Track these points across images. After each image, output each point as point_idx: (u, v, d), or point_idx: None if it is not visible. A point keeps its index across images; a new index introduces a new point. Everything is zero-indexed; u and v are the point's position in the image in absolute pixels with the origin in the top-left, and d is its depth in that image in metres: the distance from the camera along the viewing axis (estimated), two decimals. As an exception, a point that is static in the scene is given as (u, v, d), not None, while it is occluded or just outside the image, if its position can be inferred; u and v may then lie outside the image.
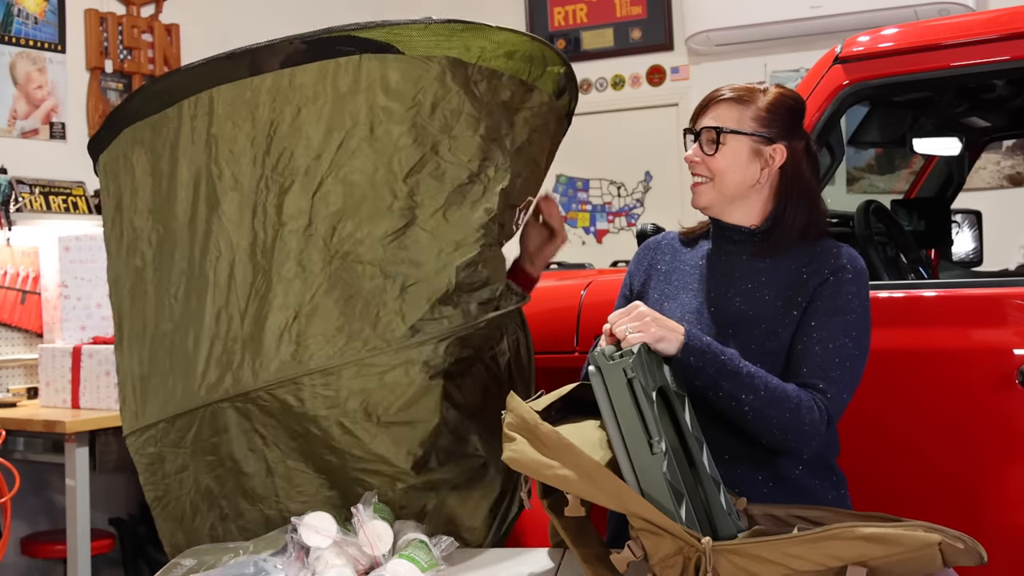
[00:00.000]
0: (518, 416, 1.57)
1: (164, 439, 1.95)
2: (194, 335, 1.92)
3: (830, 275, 1.80)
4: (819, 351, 1.75)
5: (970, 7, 4.77)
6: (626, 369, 1.49)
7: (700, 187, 1.88)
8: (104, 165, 2.11)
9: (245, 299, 1.90)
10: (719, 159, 1.84)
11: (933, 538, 1.37)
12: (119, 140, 2.06)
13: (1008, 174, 4.99)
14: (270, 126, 1.91)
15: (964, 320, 2.19)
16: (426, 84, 1.91)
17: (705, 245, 1.96)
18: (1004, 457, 2.12)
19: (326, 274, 1.87)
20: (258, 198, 1.91)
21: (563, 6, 5.94)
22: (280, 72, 1.92)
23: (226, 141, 1.92)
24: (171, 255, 1.98)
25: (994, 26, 2.22)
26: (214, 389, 1.90)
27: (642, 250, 2.05)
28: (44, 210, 4.12)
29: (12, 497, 2.83)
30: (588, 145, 5.83)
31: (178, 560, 1.76)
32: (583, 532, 1.58)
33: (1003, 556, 2.13)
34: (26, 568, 3.89)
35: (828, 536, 1.38)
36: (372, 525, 1.69)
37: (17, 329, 4.00)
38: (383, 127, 1.90)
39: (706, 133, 1.86)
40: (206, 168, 1.94)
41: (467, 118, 1.94)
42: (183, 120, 1.96)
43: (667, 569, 1.43)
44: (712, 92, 1.90)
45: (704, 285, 1.89)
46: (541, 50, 2.02)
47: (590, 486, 1.47)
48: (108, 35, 4.57)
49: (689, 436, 1.62)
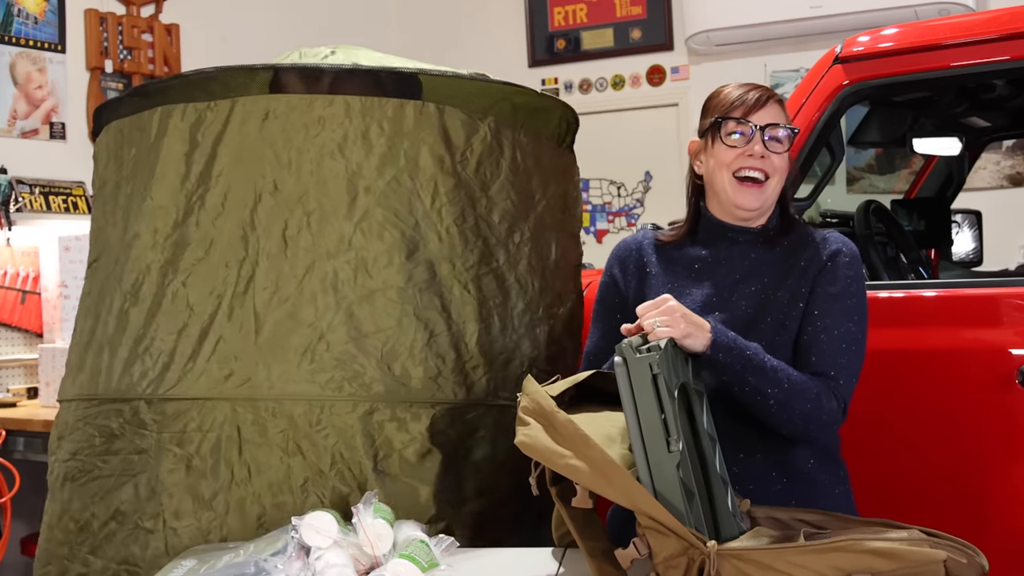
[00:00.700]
0: (534, 401, 1.56)
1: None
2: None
3: (828, 260, 1.81)
4: (825, 339, 1.76)
5: (970, 7, 4.77)
6: (652, 364, 1.48)
7: (759, 187, 1.81)
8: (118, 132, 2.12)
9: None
10: (782, 159, 1.81)
11: (939, 555, 1.37)
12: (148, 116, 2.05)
13: (1008, 174, 4.99)
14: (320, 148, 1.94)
15: (964, 320, 2.19)
16: (475, 141, 2.02)
17: (693, 245, 1.93)
18: (1004, 457, 2.12)
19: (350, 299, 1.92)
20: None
21: (563, 6, 5.94)
22: (336, 97, 1.96)
23: (273, 150, 1.95)
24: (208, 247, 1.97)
25: (994, 26, 2.22)
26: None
27: (622, 252, 1.99)
28: (44, 210, 4.12)
29: (12, 497, 2.84)
30: (588, 145, 5.78)
31: (178, 560, 1.76)
32: (589, 524, 1.58)
33: (1003, 556, 2.13)
34: (26, 568, 3.88)
35: (834, 548, 1.38)
36: (372, 525, 1.69)
37: (17, 329, 4.00)
38: (432, 172, 1.97)
39: (772, 130, 1.79)
40: (250, 173, 1.95)
41: (504, 182, 2.05)
42: (233, 115, 1.96)
43: (670, 569, 1.43)
44: (761, 88, 1.83)
45: (707, 282, 1.88)
46: (556, 104, 2.20)
47: (601, 479, 1.46)
48: (108, 35, 4.57)
49: (703, 434, 1.61)
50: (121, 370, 1.97)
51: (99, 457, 1.97)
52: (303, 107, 1.95)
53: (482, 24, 6.05)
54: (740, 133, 1.80)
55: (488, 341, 2.01)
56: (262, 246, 1.92)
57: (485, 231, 2.03)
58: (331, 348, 1.89)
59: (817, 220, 3.05)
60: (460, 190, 2.00)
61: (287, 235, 1.92)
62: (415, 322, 1.93)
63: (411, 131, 1.96)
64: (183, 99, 2.00)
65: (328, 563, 1.62)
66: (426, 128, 1.97)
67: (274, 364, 1.89)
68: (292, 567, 1.62)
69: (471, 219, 2.01)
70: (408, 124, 1.96)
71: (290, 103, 1.95)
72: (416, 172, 1.96)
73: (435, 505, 1.91)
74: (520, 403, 1.59)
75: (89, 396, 2.02)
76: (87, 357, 2.05)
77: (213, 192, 1.96)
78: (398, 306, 1.92)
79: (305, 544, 1.66)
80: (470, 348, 1.98)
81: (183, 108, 2.00)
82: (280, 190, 1.93)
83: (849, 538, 1.39)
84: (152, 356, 1.94)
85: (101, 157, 2.19)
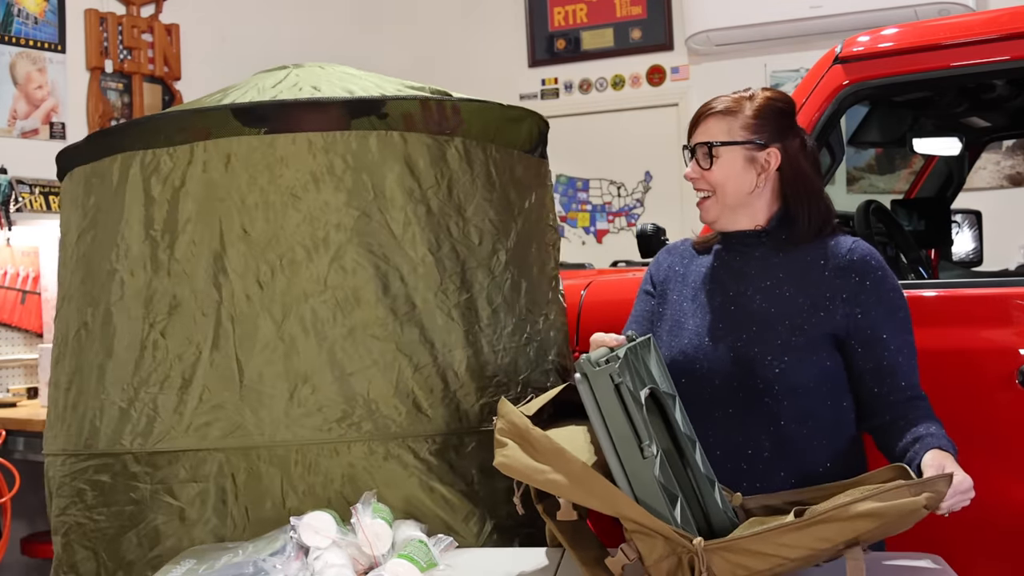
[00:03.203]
0: (509, 421, 1.58)
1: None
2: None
3: (865, 279, 1.82)
4: (902, 361, 1.81)
5: (970, 7, 4.77)
6: (612, 375, 1.49)
7: (706, 203, 1.91)
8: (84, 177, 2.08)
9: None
10: (716, 172, 1.87)
11: (919, 502, 1.39)
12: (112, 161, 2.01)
13: (1008, 174, 4.99)
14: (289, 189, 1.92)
15: (964, 320, 2.19)
16: (445, 164, 1.99)
17: (716, 248, 1.98)
18: (1004, 457, 2.12)
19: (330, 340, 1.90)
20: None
21: (563, 6, 5.94)
22: (298, 135, 1.92)
23: (239, 194, 1.92)
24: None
25: (994, 26, 2.22)
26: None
27: (663, 252, 2.09)
28: (44, 210, 4.12)
29: (12, 497, 2.84)
30: (588, 145, 5.82)
31: (178, 560, 1.76)
32: (579, 535, 1.59)
33: (1004, 556, 2.13)
34: (26, 568, 3.89)
35: (819, 521, 1.39)
36: (371, 525, 1.69)
37: (17, 329, 4.00)
38: (400, 204, 1.95)
39: (700, 149, 1.89)
40: (218, 218, 1.92)
41: (480, 202, 2.03)
42: (195, 160, 1.93)
43: (662, 571, 1.44)
44: (701, 107, 1.92)
45: (722, 285, 1.91)
46: (527, 114, 2.18)
47: (581, 490, 1.47)
48: (108, 35, 4.57)
49: (681, 436, 1.62)
50: (105, 425, 1.95)
51: (94, 511, 1.96)
52: (264, 147, 1.91)
53: (482, 24, 6.05)
54: (687, 156, 1.94)
55: (478, 366, 1.99)
56: (237, 292, 1.89)
57: (464, 254, 2.01)
58: (316, 391, 1.87)
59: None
60: (432, 217, 1.97)
61: (261, 279, 1.89)
62: (398, 356, 1.91)
63: (376, 162, 1.93)
64: (142, 145, 1.96)
65: (327, 563, 1.62)
66: (391, 158, 1.94)
67: (261, 411, 1.87)
68: (291, 567, 1.62)
69: (447, 245, 1.98)
70: (373, 156, 1.93)
71: (251, 144, 1.91)
72: (385, 204, 1.93)
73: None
74: (496, 426, 1.60)
75: (75, 452, 2.00)
76: (68, 410, 2.03)
77: (181, 240, 1.92)
78: (380, 342, 1.90)
79: (304, 544, 1.66)
80: (459, 376, 1.96)
81: (142, 155, 1.95)
82: (249, 234, 1.90)
83: (833, 507, 1.40)
84: (136, 409, 1.91)
85: (64, 203, 2.16)
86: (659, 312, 1.98)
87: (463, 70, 5.97)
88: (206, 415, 1.88)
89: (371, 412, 1.89)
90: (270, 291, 1.89)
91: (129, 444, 1.92)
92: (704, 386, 1.84)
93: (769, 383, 1.80)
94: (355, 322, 1.90)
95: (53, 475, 2.06)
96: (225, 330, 1.89)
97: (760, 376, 1.80)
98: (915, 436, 1.71)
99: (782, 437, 1.80)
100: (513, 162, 2.15)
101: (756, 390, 1.81)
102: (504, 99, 2.19)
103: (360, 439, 1.88)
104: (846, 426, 1.84)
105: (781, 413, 1.80)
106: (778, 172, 1.87)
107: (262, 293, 1.89)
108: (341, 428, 1.87)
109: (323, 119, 1.92)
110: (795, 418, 1.80)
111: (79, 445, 1.99)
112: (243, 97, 2.03)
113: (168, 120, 1.97)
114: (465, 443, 1.96)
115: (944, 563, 1.62)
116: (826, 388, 1.81)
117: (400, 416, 1.90)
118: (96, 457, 1.96)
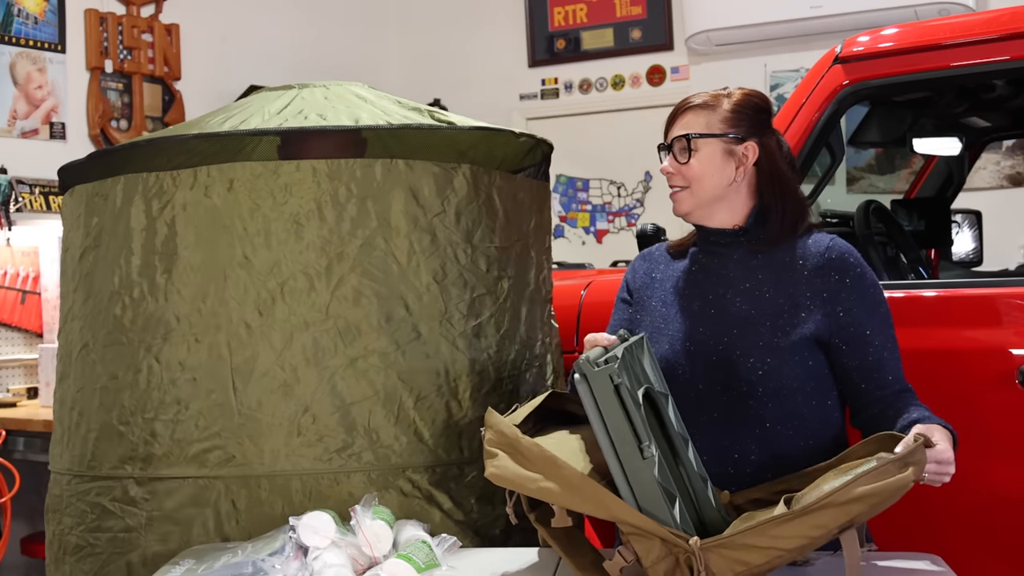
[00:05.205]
0: (498, 432, 1.57)
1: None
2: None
3: (844, 277, 1.82)
4: (887, 356, 1.82)
5: (970, 7, 4.77)
6: (612, 375, 1.48)
7: (678, 195, 1.90)
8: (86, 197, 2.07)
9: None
10: (693, 165, 1.86)
11: (908, 478, 1.40)
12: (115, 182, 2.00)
13: (1008, 174, 4.99)
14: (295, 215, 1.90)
15: (964, 320, 2.19)
16: (452, 192, 1.98)
17: (693, 251, 1.97)
18: (1004, 457, 2.12)
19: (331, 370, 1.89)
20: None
21: (563, 6, 5.94)
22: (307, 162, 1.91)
23: (241, 220, 1.90)
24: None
25: (994, 26, 2.22)
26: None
27: (639, 259, 2.07)
28: (44, 210, 4.12)
29: (12, 497, 2.84)
30: (588, 145, 5.82)
31: (177, 560, 1.76)
32: (574, 541, 1.59)
33: (1004, 556, 2.13)
34: (26, 568, 3.89)
35: (814, 509, 1.39)
36: (370, 526, 1.69)
37: (17, 329, 4.00)
38: (408, 231, 1.94)
39: (678, 143, 1.88)
40: (219, 244, 1.91)
41: (486, 228, 2.02)
42: (197, 184, 1.91)
43: (660, 571, 1.44)
44: (678, 103, 1.92)
45: (701, 289, 1.90)
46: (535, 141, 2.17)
47: (574, 496, 1.47)
48: (108, 35, 4.57)
49: (675, 435, 1.63)
50: (106, 449, 1.95)
51: (91, 534, 1.96)
52: (268, 174, 1.89)
53: (482, 24, 6.05)
54: (662, 154, 1.92)
55: (484, 394, 1.98)
56: (236, 319, 1.88)
57: (472, 281, 2.00)
58: (317, 420, 1.86)
59: (817, 220, 3.04)
60: (437, 245, 1.95)
61: (262, 307, 1.88)
62: (400, 386, 1.90)
63: (381, 190, 1.92)
64: (145, 167, 1.95)
65: (326, 563, 1.62)
66: (396, 186, 1.93)
67: (261, 440, 1.86)
68: (290, 567, 1.62)
69: (453, 272, 1.97)
70: (377, 184, 1.92)
71: (254, 170, 1.90)
72: (389, 232, 1.92)
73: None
74: (484, 436, 1.59)
75: (80, 473, 2.00)
76: (72, 429, 2.03)
77: (180, 265, 1.91)
78: (381, 372, 1.89)
79: (303, 544, 1.66)
80: (463, 405, 1.96)
81: (145, 177, 1.94)
82: (251, 261, 1.89)
83: (825, 495, 1.40)
84: (135, 435, 1.91)
85: (66, 220, 2.15)
86: (637, 320, 1.96)
87: (463, 70, 5.97)
88: (203, 442, 1.88)
89: (372, 443, 1.88)
90: (270, 319, 1.88)
91: (130, 470, 1.92)
92: (688, 391, 1.82)
93: (753, 385, 1.79)
94: (357, 352, 1.89)
95: (59, 493, 2.06)
96: (222, 357, 1.88)
97: (744, 379, 1.80)
98: (909, 420, 1.71)
99: (768, 439, 1.79)
100: (516, 187, 2.14)
101: (740, 393, 1.80)
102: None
103: (360, 469, 1.87)
104: (831, 425, 1.84)
105: (766, 415, 1.79)
106: (755, 168, 1.87)
107: (261, 320, 1.88)
108: (341, 458, 1.87)
109: (329, 147, 1.91)
110: (780, 419, 1.79)
111: (83, 467, 1.99)
112: (248, 121, 2.00)
113: (171, 143, 1.96)
114: (465, 473, 1.95)
115: (944, 563, 1.62)
116: (810, 387, 1.81)
117: (400, 446, 1.89)
118: (99, 480, 1.96)
